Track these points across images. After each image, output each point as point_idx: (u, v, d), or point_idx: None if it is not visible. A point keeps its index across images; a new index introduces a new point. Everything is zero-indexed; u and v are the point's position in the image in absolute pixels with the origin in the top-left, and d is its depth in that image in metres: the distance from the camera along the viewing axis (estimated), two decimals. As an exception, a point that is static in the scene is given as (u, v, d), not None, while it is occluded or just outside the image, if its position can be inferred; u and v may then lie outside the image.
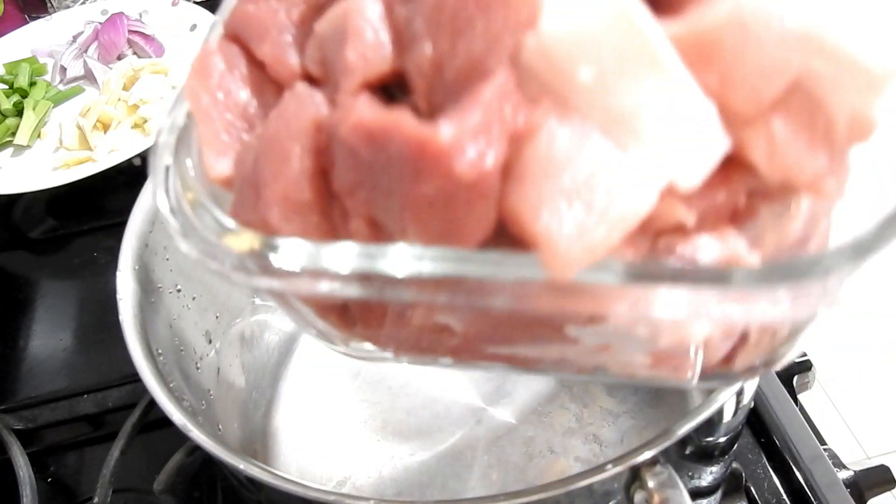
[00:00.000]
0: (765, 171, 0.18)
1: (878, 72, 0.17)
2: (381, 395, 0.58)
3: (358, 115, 0.17)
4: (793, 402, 0.57)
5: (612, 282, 0.17)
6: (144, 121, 0.83)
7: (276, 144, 0.18)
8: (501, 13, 0.16)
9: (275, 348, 0.61)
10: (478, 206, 0.16)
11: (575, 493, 0.32)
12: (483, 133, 0.16)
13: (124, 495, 0.56)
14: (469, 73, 0.16)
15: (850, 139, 0.18)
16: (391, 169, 0.17)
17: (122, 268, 0.44)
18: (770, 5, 0.16)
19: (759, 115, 0.17)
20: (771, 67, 0.16)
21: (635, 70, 0.16)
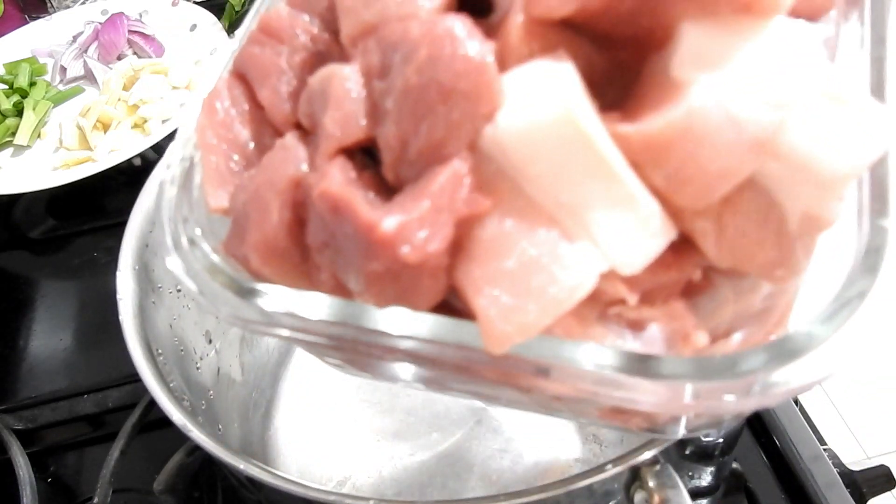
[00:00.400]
0: (713, 259, 0.18)
1: (831, 176, 0.17)
2: (381, 395, 0.58)
3: (325, 185, 0.18)
4: (793, 402, 0.57)
5: (538, 359, 0.18)
6: (144, 121, 0.83)
7: (260, 194, 0.20)
8: (462, 105, 0.17)
9: (275, 348, 0.61)
10: (424, 281, 0.18)
11: (575, 493, 0.32)
12: (429, 221, 0.17)
13: (124, 495, 0.56)
14: (430, 154, 0.18)
15: (803, 234, 0.19)
16: (348, 240, 0.18)
17: (122, 268, 0.44)
18: (723, 113, 0.16)
19: (708, 210, 0.18)
20: (721, 171, 0.17)
21: (580, 167, 0.17)
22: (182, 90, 0.87)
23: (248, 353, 0.58)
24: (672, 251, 0.18)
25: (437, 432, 0.55)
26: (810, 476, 0.51)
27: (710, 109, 0.16)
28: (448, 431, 0.55)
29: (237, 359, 0.56)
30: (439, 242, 0.17)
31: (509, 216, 0.17)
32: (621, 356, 0.18)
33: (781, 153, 0.17)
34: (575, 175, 0.17)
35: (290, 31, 0.22)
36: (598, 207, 0.17)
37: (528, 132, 0.17)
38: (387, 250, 0.17)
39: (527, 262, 0.17)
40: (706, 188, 0.17)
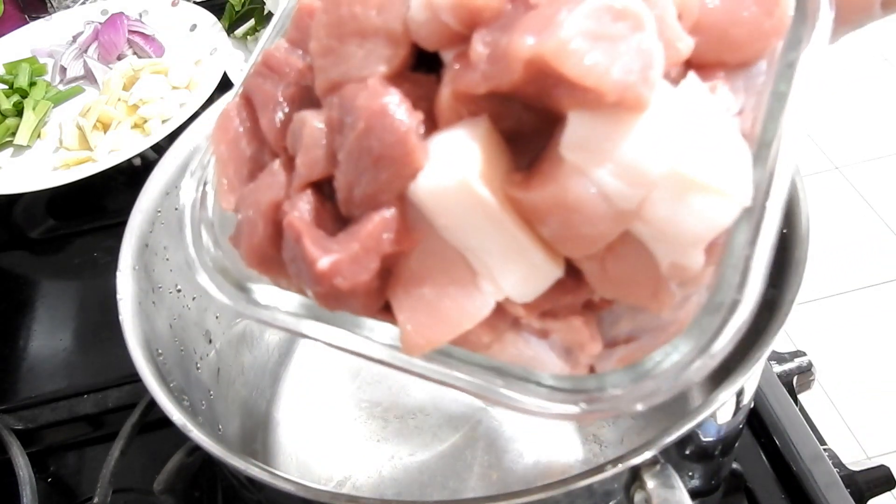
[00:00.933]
0: (598, 291, 0.23)
1: (683, 241, 0.21)
2: (381, 395, 0.58)
3: (289, 217, 0.23)
4: (793, 402, 0.57)
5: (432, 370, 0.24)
6: (144, 121, 0.83)
7: (250, 212, 0.25)
8: (390, 167, 0.22)
9: (275, 348, 0.61)
10: (361, 299, 0.23)
11: (575, 493, 0.32)
12: (358, 259, 0.22)
13: (124, 495, 0.56)
14: (368, 201, 0.22)
15: (672, 279, 0.22)
16: (301, 264, 0.23)
17: (122, 268, 0.44)
18: (594, 189, 0.21)
19: (593, 255, 0.22)
20: (592, 235, 0.21)
21: (478, 222, 0.22)
22: (182, 90, 0.87)
23: (248, 353, 0.58)
24: (568, 281, 0.23)
25: (437, 432, 0.55)
26: (810, 476, 0.51)
27: (582, 186, 0.21)
28: (448, 431, 0.55)
29: (237, 359, 0.56)
30: (366, 275, 0.22)
31: (428, 253, 0.23)
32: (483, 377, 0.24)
33: (645, 220, 0.21)
34: (475, 227, 0.22)
35: (286, 66, 0.26)
36: (495, 253, 0.22)
37: (437, 193, 0.21)
38: (323, 281, 0.22)
39: (439, 290, 0.22)
40: (582, 245, 0.22)
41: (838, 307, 1.51)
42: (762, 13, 0.23)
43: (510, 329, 0.24)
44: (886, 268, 1.57)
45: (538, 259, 0.22)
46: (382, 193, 0.22)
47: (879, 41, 2.10)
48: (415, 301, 0.23)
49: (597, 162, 0.20)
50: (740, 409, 0.42)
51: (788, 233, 0.41)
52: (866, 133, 1.86)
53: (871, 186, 1.74)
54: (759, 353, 0.35)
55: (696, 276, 0.22)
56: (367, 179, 0.22)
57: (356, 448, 0.55)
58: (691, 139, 0.21)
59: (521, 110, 0.22)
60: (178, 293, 0.49)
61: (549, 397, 0.23)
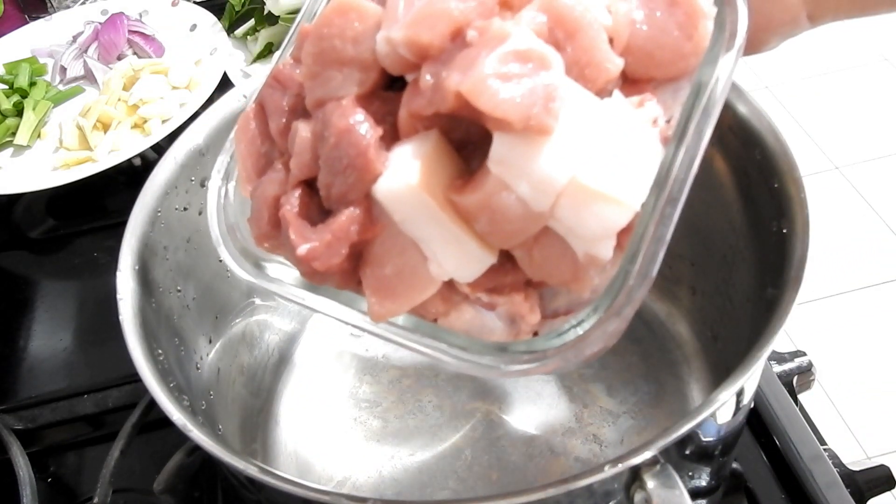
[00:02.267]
0: (528, 274, 0.28)
1: (592, 237, 0.26)
2: (381, 396, 0.58)
3: (283, 210, 0.29)
4: (793, 402, 0.57)
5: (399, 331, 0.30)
6: (144, 121, 0.83)
7: (257, 204, 0.31)
8: (355, 174, 0.27)
9: (275, 348, 0.61)
10: (335, 278, 0.29)
11: (575, 493, 0.32)
12: (330, 246, 0.28)
13: (124, 495, 0.56)
14: (340, 199, 0.28)
15: (589, 266, 0.27)
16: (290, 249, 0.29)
17: (122, 268, 0.44)
18: (512, 196, 0.25)
19: (522, 245, 0.27)
20: (513, 231, 0.26)
21: (424, 217, 0.27)
22: (182, 90, 0.87)
23: (248, 353, 0.58)
24: (505, 264, 0.28)
25: (437, 432, 0.55)
26: (810, 476, 0.51)
27: (504, 193, 0.26)
28: (448, 431, 0.55)
29: (237, 359, 0.56)
30: (337, 259, 0.28)
31: (389, 241, 0.28)
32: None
33: (557, 220, 0.26)
34: (422, 223, 0.27)
35: (290, 80, 0.31)
36: (438, 243, 0.27)
37: (390, 196, 0.27)
38: (303, 263, 0.28)
39: (396, 270, 0.28)
40: (507, 239, 0.27)
41: (838, 307, 1.51)
42: (683, 37, 0.28)
43: (463, 301, 0.29)
44: (886, 268, 1.57)
45: (473, 248, 0.27)
46: (351, 193, 0.27)
47: (879, 41, 2.10)
48: (377, 279, 0.28)
49: (514, 175, 0.25)
50: (740, 409, 0.42)
51: (788, 233, 0.41)
52: (866, 133, 1.86)
53: (871, 186, 1.74)
54: (759, 353, 0.35)
55: (608, 262, 0.27)
56: (339, 182, 0.27)
57: (356, 448, 0.55)
58: (595, 153, 0.25)
59: (468, 124, 0.27)
60: (178, 293, 0.49)
61: (495, 359, 0.29)
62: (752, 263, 0.47)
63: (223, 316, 0.54)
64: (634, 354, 0.58)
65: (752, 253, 0.47)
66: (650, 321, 0.59)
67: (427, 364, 0.59)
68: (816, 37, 2.18)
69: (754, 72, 2.07)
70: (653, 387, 0.56)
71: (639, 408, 0.55)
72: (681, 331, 0.58)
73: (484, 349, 0.29)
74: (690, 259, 0.57)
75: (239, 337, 0.57)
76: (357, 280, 0.29)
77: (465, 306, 0.29)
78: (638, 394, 0.55)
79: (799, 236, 0.40)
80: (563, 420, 0.55)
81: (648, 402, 0.55)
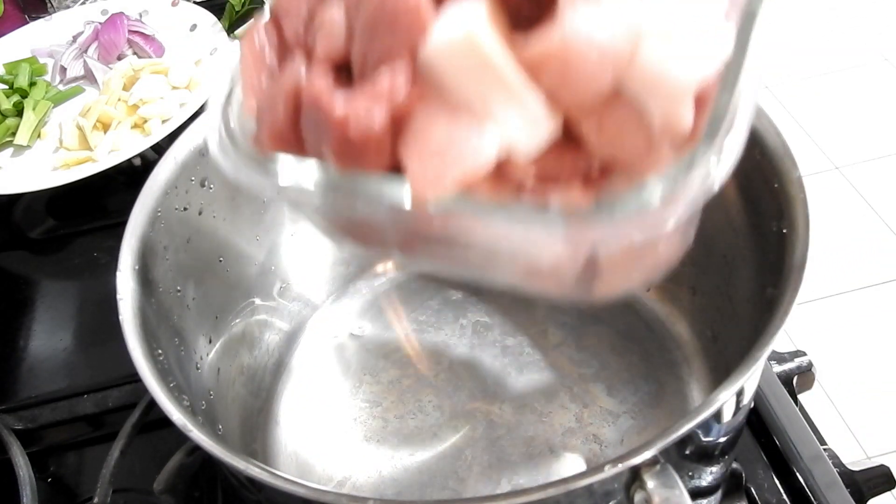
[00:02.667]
0: (594, 149, 0.25)
1: (679, 88, 0.23)
2: (381, 396, 0.58)
3: (309, 86, 0.26)
4: (793, 402, 0.57)
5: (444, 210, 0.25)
6: (144, 121, 0.83)
7: (272, 97, 0.28)
8: (404, 30, 0.24)
9: (275, 348, 0.61)
10: (371, 153, 0.25)
11: (575, 493, 0.32)
12: (370, 107, 0.24)
13: (124, 495, 0.56)
14: (381, 60, 0.25)
15: (664, 137, 0.24)
16: (321, 125, 0.25)
17: (122, 268, 0.44)
18: (590, 37, 0.22)
19: (590, 111, 0.24)
20: (589, 82, 0.23)
21: (482, 76, 0.23)
22: (182, 90, 0.87)
23: (248, 353, 0.58)
24: (567, 144, 0.25)
25: (437, 432, 0.55)
26: (810, 476, 0.51)
27: (578, 38, 0.23)
28: (448, 431, 0.55)
29: (237, 359, 0.56)
30: (377, 123, 0.24)
31: (436, 107, 0.24)
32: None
33: (637, 71, 0.23)
34: (480, 79, 0.24)
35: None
36: (498, 104, 0.24)
37: (446, 47, 0.23)
38: (339, 128, 0.24)
39: (445, 142, 0.24)
40: (578, 94, 0.24)
41: (838, 307, 1.51)
42: None
43: (515, 190, 0.26)
44: (886, 268, 1.57)
45: (537, 109, 0.24)
46: (395, 51, 0.24)
47: (880, 41, 2.10)
48: (423, 149, 0.24)
49: (588, 12, 0.23)
50: (740, 409, 0.42)
51: (788, 233, 0.41)
52: (866, 133, 1.86)
53: (871, 186, 1.74)
54: (759, 353, 0.35)
55: (686, 136, 0.24)
56: (381, 44, 0.25)
57: (356, 448, 0.55)
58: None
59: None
60: (178, 293, 0.49)
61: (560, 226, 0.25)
62: (752, 263, 0.47)
63: (223, 316, 0.54)
64: (634, 354, 0.58)
65: (752, 253, 0.47)
66: (650, 321, 0.60)
67: (436, 347, 0.59)
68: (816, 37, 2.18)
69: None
70: (653, 387, 0.56)
71: (639, 408, 0.55)
72: (681, 331, 0.58)
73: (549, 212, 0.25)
74: (690, 259, 0.56)
75: (239, 337, 0.57)
76: (393, 162, 0.25)
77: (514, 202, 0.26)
78: (638, 394, 0.55)
79: (799, 236, 0.40)
80: (563, 420, 0.55)
81: (648, 402, 0.55)
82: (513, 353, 0.59)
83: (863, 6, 2.22)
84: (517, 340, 0.60)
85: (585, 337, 0.60)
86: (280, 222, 0.59)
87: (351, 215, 0.29)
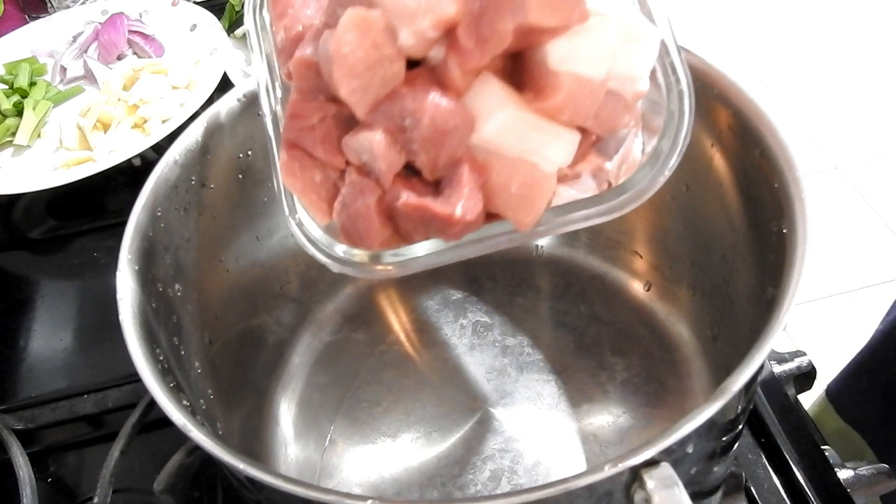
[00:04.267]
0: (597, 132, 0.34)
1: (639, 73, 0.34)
2: (381, 396, 0.58)
3: (403, 200, 0.32)
4: (793, 402, 0.57)
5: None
6: (144, 121, 0.83)
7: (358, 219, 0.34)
8: (457, 134, 0.31)
9: (275, 348, 0.61)
10: (478, 222, 0.33)
11: (575, 493, 0.32)
12: (472, 197, 0.32)
13: (124, 495, 0.56)
14: (450, 161, 0.32)
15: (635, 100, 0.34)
16: (430, 221, 0.32)
17: (122, 268, 0.44)
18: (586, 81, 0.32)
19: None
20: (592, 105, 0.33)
21: (525, 131, 0.32)
22: (182, 90, 0.87)
23: (249, 354, 0.58)
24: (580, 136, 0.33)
25: (437, 432, 0.55)
26: (810, 476, 0.51)
27: (576, 82, 0.31)
28: (448, 431, 0.55)
29: (237, 359, 0.56)
30: (480, 205, 0.32)
31: (500, 169, 0.32)
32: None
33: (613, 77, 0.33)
34: (526, 136, 0.32)
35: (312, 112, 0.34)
36: (544, 144, 0.32)
37: (497, 130, 0.32)
38: (460, 223, 0.32)
39: (520, 184, 0.33)
40: (587, 115, 0.33)
41: (838, 307, 1.51)
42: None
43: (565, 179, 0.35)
44: (886, 268, 1.57)
45: (567, 136, 0.33)
46: (456, 152, 0.32)
47: (879, 40, 2.10)
48: (509, 199, 0.33)
49: (578, 62, 0.31)
50: (740, 409, 0.42)
51: (788, 233, 0.41)
52: (866, 133, 1.86)
53: (871, 186, 1.74)
54: (759, 353, 0.35)
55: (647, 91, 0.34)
56: (443, 152, 0.31)
57: (356, 448, 0.55)
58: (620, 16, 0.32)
59: (500, 60, 0.32)
60: (178, 293, 0.49)
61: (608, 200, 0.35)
62: (752, 263, 0.47)
63: (223, 316, 0.54)
64: (634, 354, 0.58)
65: (752, 253, 0.47)
66: (650, 321, 0.60)
67: (436, 347, 0.59)
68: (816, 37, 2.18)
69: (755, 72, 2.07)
70: (653, 387, 0.56)
71: (639, 408, 0.55)
72: (681, 331, 0.58)
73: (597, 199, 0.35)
74: (690, 259, 0.57)
75: (239, 337, 0.57)
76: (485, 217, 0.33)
77: (563, 187, 0.35)
78: (638, 394, 0.55)
79: (799, 236, 0.40)
80: (563, 420, 0.55)
81: (648, 402, 0.55)
82: (513, 353, 0.59)
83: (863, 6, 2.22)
84: (517, 340, 0.60)
85: (585, 337, 0.60)
86: (280, 222, 0.59)
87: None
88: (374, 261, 0.35)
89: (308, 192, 0.35)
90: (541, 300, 0.62)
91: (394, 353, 0.61)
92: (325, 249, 0.36)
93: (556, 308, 0.62)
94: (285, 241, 0.59)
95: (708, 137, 0.49)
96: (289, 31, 0.37)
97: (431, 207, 0.32)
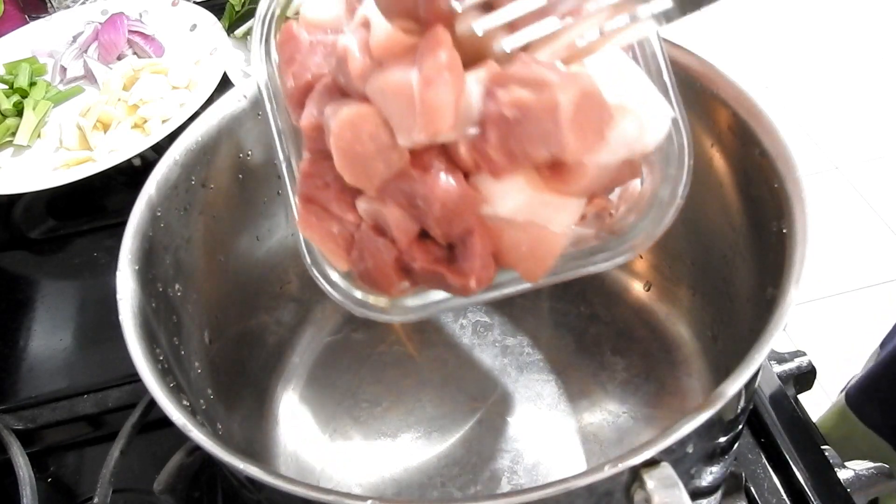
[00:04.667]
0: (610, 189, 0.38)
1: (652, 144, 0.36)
2: (381, 395, 0.58)
3: (421, 265, 0.35)
4: (793, 402, 0.57)
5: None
6: (144, 121, 0.83)
7: (376, 273, 0.36)
8: (466, 212, 0.33)
9: (275, 348, 0.61)
10: (491, 277, 0.35)
11: (575, 493, 0.32)
12: (484, 264, 0.34)
13: (124, 495, 0.56)
14: (463, 231, 0.34)
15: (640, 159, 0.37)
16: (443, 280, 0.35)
17: (122, 268, 0.44)
18: (601, 169, 0.34)
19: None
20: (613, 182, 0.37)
21: (543, 210, 0.34)
22: (182, 90, 0.87)
23: (248, 353, 0.58)
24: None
25: (437, 432, 0.55)
26: (810, 476, 0.51)
27: (596, 172, 0.34)
28: (448, 431, 0.55)
29: (237, 359, 0.56)
30: (492, 268, 0.35)
31: (510, 232, 0.35)
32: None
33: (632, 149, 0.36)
34: (542, 213, 0.34)
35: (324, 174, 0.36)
36: (556, 215, 0.34)
37: (514, 207, 0.34)
38: (476, 286, 0.34)
39: (530, 244, 0.35)
40: (607, 189, 0.37)
41: (838, 307, 1.51)
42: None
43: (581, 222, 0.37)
44: (886, 268, 1.57)
45: (575, 204, 0.35)
46: (469, 224, 0.34)
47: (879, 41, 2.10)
48: (519, 257, 0.35)
49: (604, 154, 0.33)
50: (740, 410, 0.42)
51: (788, 233, 0.41)
52: (866, 133, 1.86)
53: (871, 186, 1.74)
54: (759, 353, 0.35)
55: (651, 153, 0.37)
56: (456, 225, 0.34)
57: (356, 448, 0.55)
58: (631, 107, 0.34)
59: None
60: (178, 293, 0.49)
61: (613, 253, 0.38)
62: (752, 263, 0.47)
63: (223, 316, 0.54)
64: (634, 354, 0.58)
65: (752, 253, 0.47)
66: (650, 321, 0.60)
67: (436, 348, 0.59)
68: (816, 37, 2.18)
69: (755, 72, 2.07)
70: (653, 387, 0.56)
71: (639, 408, 0.55)
72: (681, 331, 0.58)
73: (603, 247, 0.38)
74: (690, 259, 0.57)
75: (239, 337, 0.57)
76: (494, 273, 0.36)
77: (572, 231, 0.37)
78: (638, 394, 0.55)
79: (799, 236, 0.40)
80: (563, 420, 0.55)
81: (648, 402, 0.55)
82: (513, 353, 0.59)
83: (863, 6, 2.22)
84: (517, 340, 0.60)
85: (585, 337, 0.60)
86: (280, 222, 0.59)
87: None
88: (392, 306, 0.39)
89: (326, 242, 0.37)
90: (541, 300, 0.62)
91: (394, 353, 0.61)
92: (346, 293, 0.39)
93: (556, 308, 0.62)
94: (285, 241, 0.59)
95: (708, 138, 0.49)
96: (298, 78, 0.38)
97: (447, 277, 0.35)
